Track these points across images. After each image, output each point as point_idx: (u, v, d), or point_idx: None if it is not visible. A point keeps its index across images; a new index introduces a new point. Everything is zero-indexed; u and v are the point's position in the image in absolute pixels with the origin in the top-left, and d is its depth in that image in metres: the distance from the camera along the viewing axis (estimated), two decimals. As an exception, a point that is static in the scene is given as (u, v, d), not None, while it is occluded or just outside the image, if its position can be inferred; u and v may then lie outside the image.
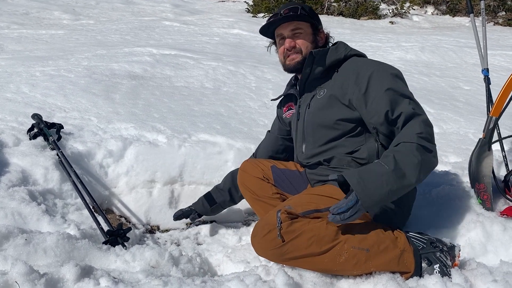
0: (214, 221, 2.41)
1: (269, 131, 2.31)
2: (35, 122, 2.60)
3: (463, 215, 1.97)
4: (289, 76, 2.13)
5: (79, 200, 2.17)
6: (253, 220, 2.40)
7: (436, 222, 1.97)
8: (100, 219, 1.99)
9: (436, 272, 1.57)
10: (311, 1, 9.76)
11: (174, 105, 3.42)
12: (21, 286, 1.34)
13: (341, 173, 1.61)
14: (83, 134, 2.69)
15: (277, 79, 4.28)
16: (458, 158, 2.70)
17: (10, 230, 1.68)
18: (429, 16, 10.41)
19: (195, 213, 2.32)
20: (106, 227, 1.93)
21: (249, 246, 1.91)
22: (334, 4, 10.09)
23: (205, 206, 2.29)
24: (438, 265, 1.58)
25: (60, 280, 1.41)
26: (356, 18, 9.88)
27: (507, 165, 2.28)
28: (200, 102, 3.57)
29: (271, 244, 1.59)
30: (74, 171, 2.23)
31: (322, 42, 1.96)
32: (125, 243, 1.86)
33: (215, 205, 2.29)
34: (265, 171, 2.09)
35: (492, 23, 9.28)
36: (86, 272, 1.47)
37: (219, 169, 2.55)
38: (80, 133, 2.71)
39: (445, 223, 1.95)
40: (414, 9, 10.42)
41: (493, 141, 2.11)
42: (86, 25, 7.64)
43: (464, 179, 2.29)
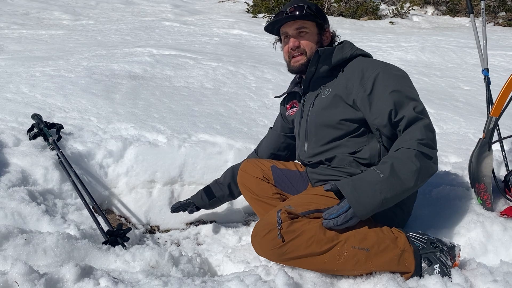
0: (214, 221, 2.40)
1: (272, 128, 2.31)
2: (35, 122, 2.60)
3: (463, 215, 1.97)
4: (290, 76, 2.12)
5: (79, 200, 2.17)
6: (253, 220, 2.40)
7: (436, 222, 1.97)
8: (100, 219, 1.99)
9: (436, 272, 1.57)
10: (311, 2, 9.76)
11: (174, 105, 3.42)
12: (21, 286, 1.33)
13: (335, 182, 1.63)
14: (83, 134, 2.69)
15: (277, 79, 4.28)
16: (458, 158, 2.70)
17: (10, 230, 1.68)
18: (429, 16, 10.41)
19: (193, 205, 2.31)
20: (106, 227, 1.93)
21: (249, 246, 1.91)
22: (334, 4, 10.10)
23: (204, 199, 2.28)
24: (438, 265, 1.58)
25: (60, 280, 1.41)
26: (356, 19, 9.88)
27: (507, 165, 2.28)
28: (200, 102, 3.57)
29: (271, 244, 1.59)
30: (74, 171, 2.23)
31: (327, 42, 1.95)
32: (125, 243, 1.86)
33: (213, 199, 2.28)
34: (265, 171, 2.09)
35: (492, 24, 9.28)
36: (86, 272, 1.47)
37: (219, 169, 2.55)
38: (80, 133, 2.70)
39: (445, 223, 1.95)
40: (414, 10, 10.43)
41: (493, 141, 2.11)
42: (86, 26, 7.64)
43: (464, 179, 2.29)
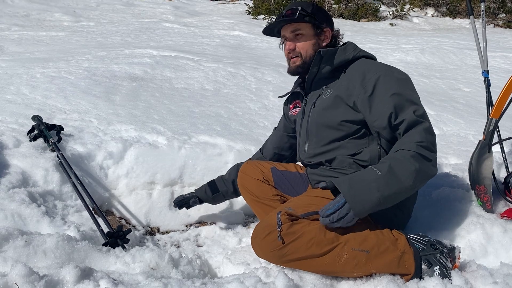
0: (214, 222, 2.41)
1: (276, 128, 2.31)
2: (35, 123, 2.60)
3: (463, 217, 1.97)
4: (289, 77, 2.13)
5: (79, 201, 2.17)
6: (253, 222, 2.40)
7: (436, 224, 1.97)
8: (100, 220, 1.99)
9: (436, 274, 1.57)
10: (309, 2, 9.78)
11: (174, 106, 3.43)
12: (21, 287, 1.34)
13: (331, 179, 1.62)
14: (83, 136, 2.70)
15: (277, 80, 4.28)
16: (458, 160, 2.70)
17: (10, 231, 1.68)
18: (429, 18, 10.42)
19: (196, 197, 2.31)
20: (106, 229, 1.93)
21: (249, 248, 1.91)
22: (334, 6, 10.10)
23: (208, 193, 2.28)
24: (438, 267, 1.58)
25: (60, 282, 1.41)
26: (356, 20, 9.89)
27: (507, 167, 2.28)
28: (200, 103, 3.58)
29: (271, 245, 1.59)
30: (74, 172, 2.23)
31: (326, 42, 1.94)
32: (125, 245, 1.86)
33: (217, 194, 2.28)
34: (265, 173, 2.09)
35: (492, 25, 9.29)
36: (86, 274, 1.47)
37: (219, 171, 2.54)
38: (80, 134, 2.71)
39: (445, 225, 1.95)
40: (414, 11, 10.44)
41: (493, 143, 2.11)
42: (86, 27, 7.64)
43: (464, 181, 2.29)
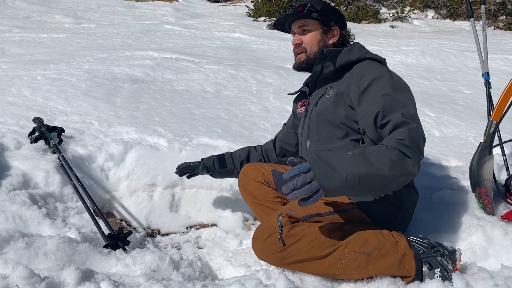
0: (214, 224, 2.41)
1: (285, 123, 2.32)
2: (36, 125, 2.60)
3: (464, 219, 1.97)
4: (290, 79, 2.13)
5: (80, 203, 2.17)
6: (253, 224, 2.40)
7: (437, 226, 1.97)
8: (100, 222, 1.99)
9: (437, 277, 1.57)
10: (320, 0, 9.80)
11: (175, 108, 3.43)
12: (22, 289, 1.34)
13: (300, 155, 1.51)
14: (84, 138, 2.70)
15: (278, 82, 4.28)
16: (459, 162, 2.70)
17: (11, 233, 1.68)
18: (429, 20, 10.43)
19: (204, 166, 2.29)
20: (106, 231, 1.93)
21: (249, 250, 1.91)
22: (335, 8, 10.12)
23: (215, 165, 2.29)
24: (439, 269, 1.58)
25: (61, 284, 1.41)
26: (356, 22, 9.90)
27: (508, 169, 2.28)
28: (201, 105, 3.58)
29: (272, 248, 1.59)
30: (75, 174, 2.23)
31: (333, 40, 1.94)
32: (126, 247, 1.86)
33: (224, 169, 2.29)
34: (265, 175, 2.09)
35: (492, 27, 9.30)
36: (87, 276, 1.47)
37: (220, 173, 2.55)
38: (81, 136, 2.71)
39: (446, 227, 1.95)
40: (414, 13, 10.46)
41: (494, 145, 2.11)
42: (87, 29, 7.66)
43: (465, 183, 2.29)
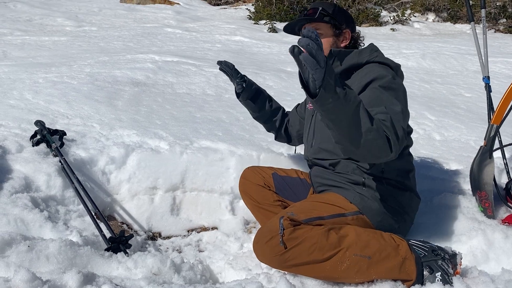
0: (215, 228, 2.41)
1: (298, 105, 2.34)
2: (38, 128, 2.61)
3: (464, 222, 1.97)
4: (291, 83, 2.14)
5: (81, 206, 2.18)
6: (254, 228, 2.40)
7: (438, 230, 1.97)
8: (102, 225, 1.99)
9: (438, 280, 1.57)
10: (331, 3, 9.82)
11: (176, 111, 3.44)
12: (24, 293, 1.34)
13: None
14: (85, 141, 2.70)
15: (279, 86, 4.29)
16: (459, 166, 2.70)
17: (13, 236, 1.69)
18: (430, 23, 10.44)
19: (243, 80, 2.22)
20: (108, 234, 1.93)
21: (250, 254, 1.91)
22: (336, 11, 10.13)
23: (254, 88, 2.24)
24: (440, 273, 1.58)
25: (63, 287, 1.42)
26: (357, 25, 9.90)
27: (508, 173, 2.28)
28: (202, 108, 3.59)
29: (273, 250, 1.59)
30: (77, 177, 2.24)
31: (345, 43, 1.95)
32: (127, 250, 1.86)
33: (255, 101, 2.25)
34: (266, 179, 2.10)
35: (493, 30, 9.31)
36: (89, 279, 1.47)
37: (220, 176, 2.55)
38: (82, 139, 2.72)
39: (446, 231, 1.96)
40: (415, 16, 10.47)
41: (494, 149, 2.11)
42: (88, 32, 7.68)
43: (466, 186, 2.29)
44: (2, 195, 2.03)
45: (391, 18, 10.24)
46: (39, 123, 2.67)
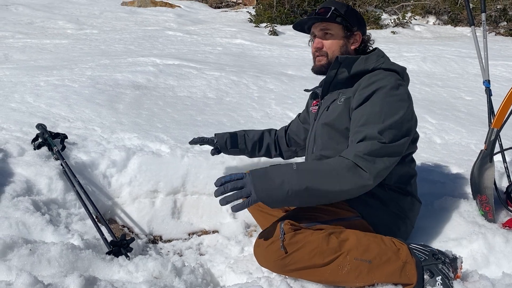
0: (216, 231, 2.41)
1: (299, 114, 2.37)
2: (39, 132, 2.62)
3: (465, 226, 1.97)
4: (292, 86, 2.15)
5: (82, 210, 2.18)
6: (255, 231, 2.40)
7: (438, 234, 1.97)
8: (103, 229, 2.00)
9: (438, 284, 1.57)
10: (343, 3, 9.84)
11: (177, 115, 3.45)
12: (26, 296, 1.34)
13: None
14: (86, 144, 2.71)
15: (280, 89, 4.30)
16: (460, 169, 2.70)
17: (14, 240, 1.69)
18: (430, 26, 10.46)
19: (217, 149, 2.36)
20: (109, 238, 1.94)
21: (251, 257, 1.91)
22: (336, 14, 10.15)
23: (227, 144, 2.33)
24: (440, 277, 1.58)
25: (64, 291, 1.42)
26: (358, 28, 9.92)
27: (509, 176, 2.28)
28: (203, 112, 3.60)
29: (274, 255, 1.60)
30: (78, 181, 2.25)
31: (355, 46, 1.92)
32: (128, 254, 1.86)
33: (235, 149, 2.35)
34: (267, 182, 2.10)
35: (493, 33, 9.33)
36: (90, 282, 1.48)
37: (221, 179, 2.56)
38: (84, 143, 2.72)
39: (447, 235, 1.96)
40: (415, 19, 10.49)
41: (495, 152, 2.12)
42: (90, 35, 7.70)
43: (466, 190, 2.30)
44: (3, 198, 2.04)
45: (392, 21, 10.27)
46: (40, 126, 2.68)
